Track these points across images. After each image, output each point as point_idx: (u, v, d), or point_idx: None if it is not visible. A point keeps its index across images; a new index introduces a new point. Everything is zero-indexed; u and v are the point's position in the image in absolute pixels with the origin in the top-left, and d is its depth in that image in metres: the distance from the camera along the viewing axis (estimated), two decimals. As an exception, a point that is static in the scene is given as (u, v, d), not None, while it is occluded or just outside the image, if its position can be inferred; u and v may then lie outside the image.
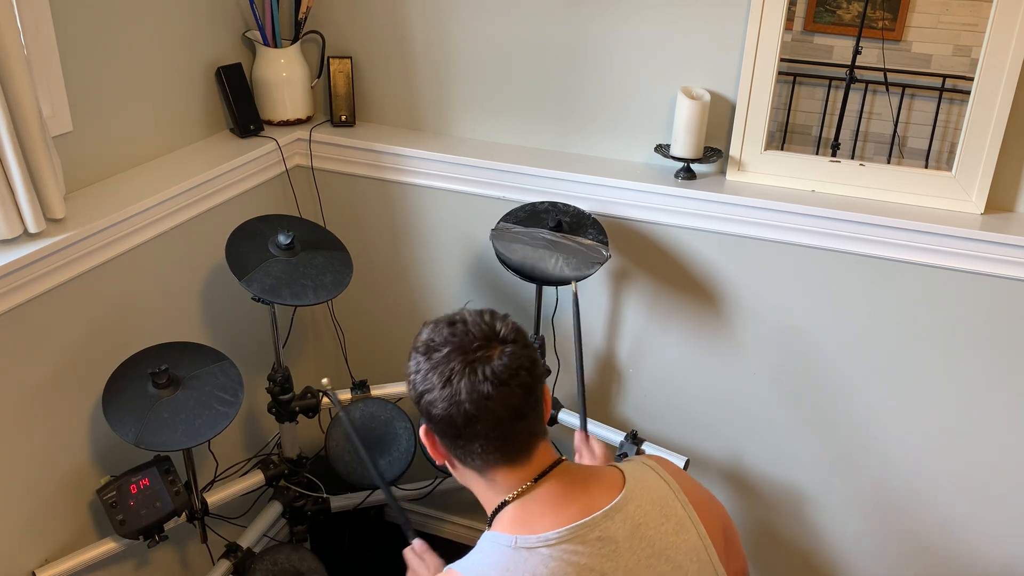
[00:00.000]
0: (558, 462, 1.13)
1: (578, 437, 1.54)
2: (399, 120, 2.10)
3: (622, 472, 1.16)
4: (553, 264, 1.73)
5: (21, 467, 1.54)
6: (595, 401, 2.13)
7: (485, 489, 1.13)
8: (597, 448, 1.50)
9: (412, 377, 1.10)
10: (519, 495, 1.10)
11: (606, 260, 1.75)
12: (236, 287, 1.68)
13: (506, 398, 1.05)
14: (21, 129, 1.40)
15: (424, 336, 1.11)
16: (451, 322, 1.10)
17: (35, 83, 1.42)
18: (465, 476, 1.15)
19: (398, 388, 1.98)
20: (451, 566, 1.10)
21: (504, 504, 1.11)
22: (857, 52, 1.73)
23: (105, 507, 1.57)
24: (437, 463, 1.17)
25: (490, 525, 1.13)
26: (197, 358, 1.65)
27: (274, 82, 2.02)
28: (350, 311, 2.28)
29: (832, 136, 1.80)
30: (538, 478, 1.10)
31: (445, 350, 1.07)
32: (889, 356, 1.81)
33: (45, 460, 1.59)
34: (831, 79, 1.77)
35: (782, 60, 1.71)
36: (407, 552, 1.42)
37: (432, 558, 1.39)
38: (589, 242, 1.78)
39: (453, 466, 1.16)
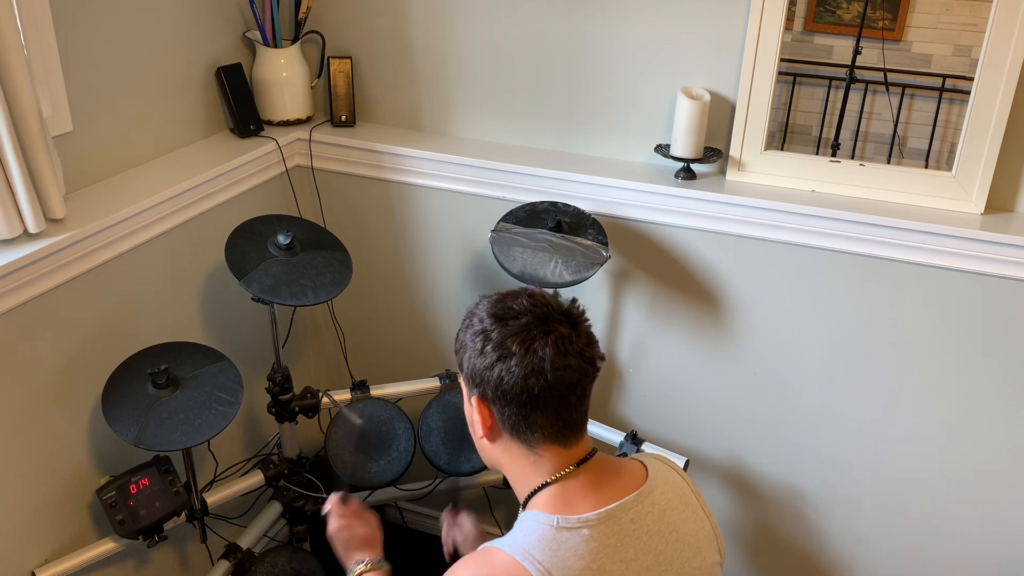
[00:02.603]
0: (594, 451, 1.16)
1: (446, 514, 1.54)
2: (399, 120, 2.10)
3: (643, 464, 1.19)
4: (552, 269, 1.73)
5: (21, 467, 1.54)
6: (595, 401, 2.13)
7: (526, 467, 1.14)
8: (467, 524, 1.50)
9: (479, 344, 1.10)
10: (560, 479, 1.12)
11: (605, 261, 1.75)
12: (236, 287, 1.68)
13: (579, 373, 1.09)
14: (21, 129, 1.40)
15: (489, 307, 1.12)
16: (530, 294, 1.13)
17: (35, 83, 1.42)
18: (506, 452, 1.15)
19: (398, 388, 1.97)
20: (491, 544, 1.10)
21: (544, 485, 1.13)
22: (857, 52, 1.73)
23: (105, 507, 1.57)
24: (479, 435, 1.16)
25: (524, 506, 1.15)
26: (197, 358, 1.65)
27: (274, 82, 2.02)
28: (350, 311, 2.28)
29: (832, 136, 1.80)
30: (580, 463, 1.13)
31: (525, 319, 1.09)
32: (888, 356, 1.81)
33: (45, 460, 1.59)
34: (831, 79, 1.77)
35: (782, 60, 1.71)
36: (333, 504, 1.40)
37: (370, 516, 1.36)
38: (589, 242, 1.78)
39: (497, 438, 1.15)
